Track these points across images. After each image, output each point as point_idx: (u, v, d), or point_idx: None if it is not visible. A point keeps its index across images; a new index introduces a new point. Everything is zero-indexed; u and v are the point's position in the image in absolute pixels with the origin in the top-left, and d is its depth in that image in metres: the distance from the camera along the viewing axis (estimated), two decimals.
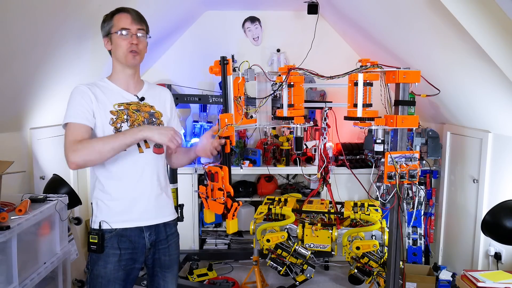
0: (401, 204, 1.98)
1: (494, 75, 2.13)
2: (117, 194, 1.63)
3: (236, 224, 1.97)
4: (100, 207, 1.63)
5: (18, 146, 2.57)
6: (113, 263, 1.60)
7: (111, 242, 1.60)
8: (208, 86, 4.04)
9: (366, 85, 1.92)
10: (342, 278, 3.34)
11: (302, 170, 3.35)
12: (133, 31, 1.62)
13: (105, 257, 1.60)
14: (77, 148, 1.50)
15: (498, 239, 2.19)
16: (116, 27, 1.61)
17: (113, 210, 1.62)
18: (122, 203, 1.63)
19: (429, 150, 3.27)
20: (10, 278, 1.85)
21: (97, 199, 1.65)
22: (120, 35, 1.61)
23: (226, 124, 1.92)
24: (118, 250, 1.61)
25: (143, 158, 1.65)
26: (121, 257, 1.61)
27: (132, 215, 1.64)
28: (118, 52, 1.63)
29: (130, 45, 1.61)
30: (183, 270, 3.40)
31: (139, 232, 1.65)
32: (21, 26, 1.94)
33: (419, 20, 2.35)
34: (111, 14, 1.65)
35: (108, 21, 1.64)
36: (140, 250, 1.66)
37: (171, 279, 1.78)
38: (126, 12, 1.64)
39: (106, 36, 1.65)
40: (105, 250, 1.60)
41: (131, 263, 1.64)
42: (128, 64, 1.65)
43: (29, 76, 2.33)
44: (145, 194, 1.67)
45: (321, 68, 2.24)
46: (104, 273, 1.60)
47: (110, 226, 1.61)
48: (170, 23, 3.49)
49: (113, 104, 1.63)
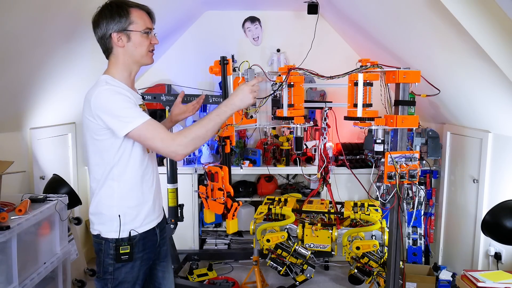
0: (401, 204, 1.98)
1: (494, 75, 2.13)
2: (140, 199, 1.61)
3: (236, 224, 1.98)
4: (127, 215, 1.57)
5: (18, 146, 2.57)
6: (138, 266, 1.60)
7: (137, 246, 1.59)
8: (208, 86, 4.04)
9: (366, 85, 1.92)
10: (342, 278, 3.34)
11: (302, 170, 3.35)
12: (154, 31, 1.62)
13: (132, 262, 1.59)
14: (182, 141, 1.48)
15: (498, 239, 2.19)
16: (139, 26, 1.54)
17: (140, 216, 1.60)
18: (147, 206, 1.63)
19: (429, 150, 3.27)
20: (10, 278, 1.85)
21: (120, 208, 1.57)
22: (145, 34, 1.56)
23: (226, 124, 1.92)
24: (142, 253, 1.61)
25: (151, 158, 1.67)
26: (143, 258, 1.62)
27: (152, 217, 1.66)
28: (138, 51, 1.57)
29: (152, 45, 1.60)
30: (183, 270, 3.40)
31: (153, 230, 1.67)
32: (21, 26, 1.95)
33: (419, 20, 2.35)
34: (125, 9, 1.53)
35: (125, 16, 1.52)
36: (154, 248, 1.69)
37: (168, 268, 1.81)
38: (144, 10, 1.59)
39: (120, 32, 1.53)
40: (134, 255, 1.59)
41: (147, 263, 1.66)
42: (146, 63, 1.62)
43: (29, 76, 2.33)
44: (158, 192, 1.71)
45: (321, 68, 2.24)
46: (132, 277, 1.59)
47: (137, 231, 1.59)
48: (170, 23, 3.50)
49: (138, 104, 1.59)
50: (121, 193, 1.57)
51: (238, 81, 2.04)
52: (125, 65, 1.59)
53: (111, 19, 1.52)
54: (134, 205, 1.59)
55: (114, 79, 1.56)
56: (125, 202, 1.58)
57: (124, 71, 1.59)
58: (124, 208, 1.57)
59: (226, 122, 1.92)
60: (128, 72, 1.61)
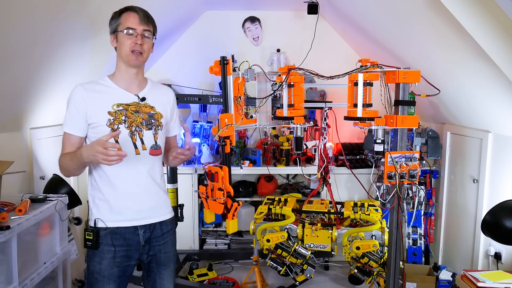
0: (401, 204, 1.98)
1: (494, 75, 2.13)
2: (111, 194, 1.65)
3: (236, 224, 1.98)
4: (96, 204, 1.67)
5: (18, 146, 2.57)
6: (108, 260, 1.64)
7: (106, 239, 1.64)
8: (208, 86, 4.04)
9: (366, 85, 1.92)
10: (342, 278, 3.34)
11: (302, 170, 3.35)
12: (138, 31, 1.62)
13: (100, 254, 1.64)
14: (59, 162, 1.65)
15: (498, 239, 2.19)
16: (123, 26, 1.62)
17: (108, 209, 1.65)
18: (116, 204, 1.65)
19: (429, 150, 3.27)
20: (10, 278, 1.85)
21: (93, 197, 1.68)
22: (126, 34, 1.61)
23: (226, 124, 1.92)
24: (113, 247, 1.63)
25: (139, 159, 1.66)
26: (115, 254, 1.64)
27: (126, 216, 1.66)
28: (122, 50, 1.64)
29: (134, 44, 1.62)
30: (183, 270, 3.40)
31: (133, 230, 1.67)
32: (21, 26, 1.94)
33: (419, 20, 2.35)
34: (119, 12, 1.66)
35: (116, 18, 1.65)
36: (134, 247, 1.68)
37: (167, 276, 1.79)
38: (135, 11, 1.64)
39: (112, 33, 1.66)
40: (100, 246, 1.64)
41: (125, 260, 1.67)
42: (130, 64, 1.65)
43: (29, 76, 2.33)
44: (140, 195, 1.68)
45: (321, 68, 2.24)
46: (99, 269, 1.63)
47: (105, 224, 1.64)
48: (170, 23, 3.50)
49: (112, 104, 1.63)
50: (95, 183, 1.67)
51: (238, 81, 2.04)
52: (119, 65, 1.70)
53: (109, 22, 1.68)
54: (104, 198, 1.65)
55: (105, 78, 1.70)
56: (96, 193, 1.67)
57: (118, 71, 1.70)
58: (95, 198, 1.67)
59: (226, 122, 1.92)
60: (121, 72, 1.69)
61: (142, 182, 1.68)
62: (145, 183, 1.69)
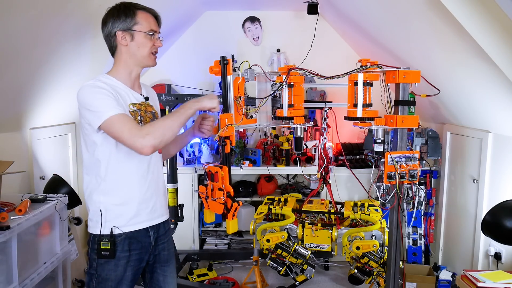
0: (401, 204, 1.98)
1: (494, 75, 2.13)
2: (126, 197, 1.60)
3: (236, 224, 1.97)
4: (110, 212, 1.58)
5: (18, 146, 2.57)
6: (122, 265, 1.59)
7: (122, 245, 1.58)
8: (208, 86, 4.04)
9: (366, 85, 1.92)
10: (342, 278, 3.34)
11: (302, 170, 3.35)
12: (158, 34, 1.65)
13: (116, 260, 1.58)
14: (149, 131, 1.46)
15: (498, 239, 2.19)
16: (144, 27, 1.59)
17: (125, 214, 1.59)
18: (133, 207, 1.60)
19: (429, 150, 3.27)
20: (10, 278, 1.85)
21: (104, 204, 1.58)
22: (148, 35, 1.60)
23: (226, 124, 1.92)
24: (128, 252, 1.60)
25: (151, 159, 1.65)
26: (130, 258, 1.60)
27: (143, 217, 1.64)
28: (140, 51, 1.61)
29: (155, 47, 1.64)
30: (183, 270, 3.40)
31: (145, 232, 1.65)
32: (21, 26, 1.94)
33: (419, 20, 2.35)
34: (132, 10, 1.59)
35: (130, 16, 1.57)
36: (146, 250, 1.67)
37: (170, 272, 1.79)
38: (152, 14, 1.64)
39: (125, 31, 1.58)
40: (116, 254, 1.57)
41: (138, 264, 1.65)
42: (148, 65, 1.66)
43: (29, 76, 2.33)
44: (153, 195, 1.67)
45: (321, 68, 2.24)
46: (115, 276, 1.58)
47: (121, 230, 1.58)
48: (170, 23, 3.49)
49: (129, 104, 1.60)
50: (106, 189, 1.58)
51: (238, 81, 2.03)
52: (126, 64, 1.63)
53: (118, 18, 1.58)
54: (119, 203, 1.58)
55: (109, 77, 1.60)
56: (109, 198, 1.58)
57: (124, 70, 1.64)
58: (108, 204, 1.57)
59: (226, 122, 1.92)
60: (128, 71, 1.64)
61: (154, 181, 1.68)
62: (156, 183, 1.69)
